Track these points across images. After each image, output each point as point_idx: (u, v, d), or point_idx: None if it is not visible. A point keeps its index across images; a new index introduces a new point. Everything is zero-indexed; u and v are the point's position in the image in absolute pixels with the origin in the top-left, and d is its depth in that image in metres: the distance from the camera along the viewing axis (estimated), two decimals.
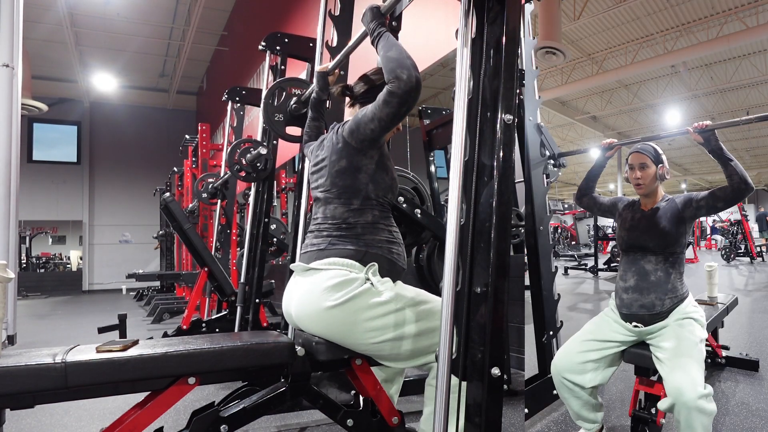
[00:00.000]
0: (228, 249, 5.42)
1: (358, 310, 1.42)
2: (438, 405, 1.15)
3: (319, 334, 1.48)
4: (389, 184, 1.56)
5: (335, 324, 1.43)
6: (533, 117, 2.71)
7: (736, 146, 20.86)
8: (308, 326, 1.49)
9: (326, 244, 1.51)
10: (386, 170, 1.55)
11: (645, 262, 1.88)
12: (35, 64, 11.71)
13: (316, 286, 1.45)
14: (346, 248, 1.48)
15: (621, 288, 1.93)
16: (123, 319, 2.01)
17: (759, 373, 2.97)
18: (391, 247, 1.54)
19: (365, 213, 1.51)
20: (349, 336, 1.44)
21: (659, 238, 1.85)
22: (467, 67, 1.23)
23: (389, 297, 1.44)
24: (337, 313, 1.42)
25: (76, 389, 1.23)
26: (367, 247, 1.49)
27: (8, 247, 4.80)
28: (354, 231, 1.50)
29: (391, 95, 1.34)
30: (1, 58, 4.89)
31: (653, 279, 1.85)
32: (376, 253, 1.50)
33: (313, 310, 1.45)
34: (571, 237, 18.99)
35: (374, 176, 1.51)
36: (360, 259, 1.47)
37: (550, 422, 2.33)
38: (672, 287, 1.84)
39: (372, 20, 1.47)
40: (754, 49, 11.82)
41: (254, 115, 7.78)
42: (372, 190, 1.51)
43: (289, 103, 2.45)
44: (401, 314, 1.44)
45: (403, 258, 1.61)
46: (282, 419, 2.46)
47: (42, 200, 14.08)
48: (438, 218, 2.30)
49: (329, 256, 1.48)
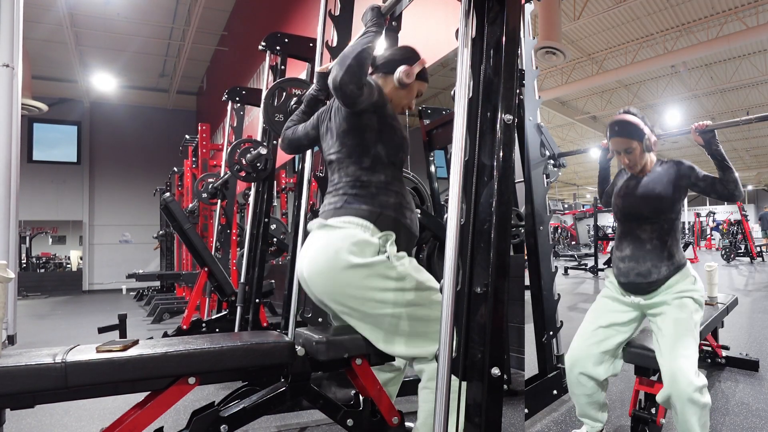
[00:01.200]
0: (228, 249, 5.41)
1: (370, 276, 1.43)
2: (438, 405, 1.15)
3: (326, 293, 1.49)
4: (399, 143, 1.57)
5: (345, 285, 1.44)
6: (533, 117, 2.71)
7: (736, 146, 20.86)
8: (318, 285, 1.50)
9: (342, 202, 1.53)
10: (393, 130, 1.56)
11: (640, 231, 1.85)
12: (35, 64, 11.71)
13: (331, 244, 1.47)
14: (361, 207, 1.50)
15: (617, 257, 1.91)
16: (123, 319, 2.01)
17: (759, 373, 2.97)
18: (405, 211, 1.57)
19: (377, 172, 1.54)
20: (355, 300, 1.45)
21: (654, 203, 1.82)
22: (467, 67, 1.23)
23: (402, 274, 1.46)
24: (349, 275, 1.43)
25: (76, 389, 1.23)
26: (381, 208, 1.51)
27: (8, 247, 4.80)
28: (368, 190, 1.52)
29: (330, 78, 1.42)
30: (1, 58, 4.89)
31: (649, 247, 1.83)
32: (390, 216, 1.52)
33: (327, 267, 1.45)
34: (571, 237, 19.00)
35: (381, 135, 1.52)
36: (375, 221, 1.49)
37: (550, 422, 2.33)
38: (668, 254, 1.81)
39: (371, 20, 1.49)
40: (754, 49, 11.83)
41: (254, 115, 7.78)
42: (381, 149, 1.53)
43: (289, 103, 2.45)
44: (410, 294, 1.45)
45: (416, 224, 1.63)
46: (282, 419, 2.46)
47: (42, 200, 14.08)
48: (438, 218, 2.30)
49: (345, 214, 1.50)
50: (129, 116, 14.94)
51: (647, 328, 2.14)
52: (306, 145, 1.82)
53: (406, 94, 1.64)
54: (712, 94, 14.78)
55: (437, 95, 12.88)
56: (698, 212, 19.31)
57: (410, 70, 1.56)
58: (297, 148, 1.84)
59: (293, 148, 1.84)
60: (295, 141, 1.81)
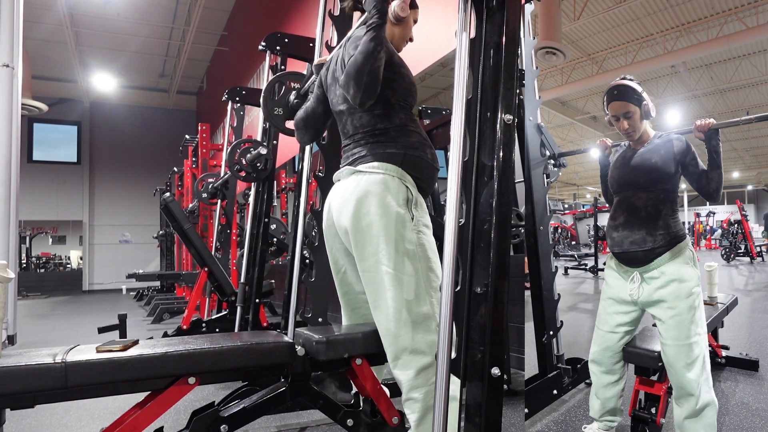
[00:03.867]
0: (228, 249, 5.41)
1: (396, 228, 1.44)
2: (438, 405, 1.15)
3: (351, 235, 1.49)
4: (407, 88, 1.58)
5: (372, 227, 1.45)
6: (533, 117, 2.71)
7: (736, 146, 20.86)
8: (346, 225, 1.50)
9: (366, 150, 1.54)
10: (401, 75, 1.56)
11: (635, 199, 1.82)
12: (35, 64, 11.71)
13: (363, 185, 1.48)
14: (386, 151, 1.52)
15: (611, 227, 1.88)
16: (123, 319, 2.01)
17: (759, 373, 2.97)
18: (425, 149, 1.58)
19: (392, 117, 1.55)
20: (376, 250, 1.45)
21: (651, 172, 1.79)
22: (466, 67, 1.23)
23: (419, 241, 1.47)
24: (379, 218, 1.44)
25: (76, 389, 1.23)
26: (405, 149, 1.53)
27: (8, 247, 4.80)
28: (388, 135, 1.54)
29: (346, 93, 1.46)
30: (1, 58, 4.89)
31: (643, 215, 1.78)
32: (415, 155, 1.53)
33: (357, 208, 1.47)
34: (571, 237, 18.99)
35: (389, 81, 1.51)
36: (401, 163, 1.51)
37: (550, 422, 2.33)
38: (664, 224, 1.76)
39: (374, 6, 1.44)
40: (754, 49, 11.83)
41: (254, 115, 7.79)
42: (391, 95, 1.54)
43: (288, 96, 2.44)
44: (420, 269, 1.46)
45: (437, 160, 1.65)
46: (282, 419, 2.46)
47: (42, 200, 14.08)
48: (438, 218, 2.30)
49: (373, 160, 1.51)
50: (129, 116, 14.94)
51: (647, 327, 2.15)
52: (318, 120, 1.80)
53: (404, 27, 1.66)
54: (712, 94, 14.78)
55: (437, 95, 12.89)
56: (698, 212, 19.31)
57: (403, 3, 1.52)
58: (311, 126, 1.82)
59: (308, 127, 1.82)
60: (302, 120, 1.81)
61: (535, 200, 2.63)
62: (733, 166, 25.11)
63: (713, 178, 1.76)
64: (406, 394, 1.44)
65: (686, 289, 1.71)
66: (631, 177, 1.84)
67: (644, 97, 1.82)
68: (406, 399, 1.44)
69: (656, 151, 1.81)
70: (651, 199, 1.78)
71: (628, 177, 1.85)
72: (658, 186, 1.79)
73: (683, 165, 1.80)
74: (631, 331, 1.92)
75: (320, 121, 1.81)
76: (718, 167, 1.76)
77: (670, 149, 1.80)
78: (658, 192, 1.79)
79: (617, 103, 1.83)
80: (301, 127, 1.83)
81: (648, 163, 1.80)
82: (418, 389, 1.41)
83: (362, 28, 1.48)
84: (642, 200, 1.79)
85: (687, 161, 1.79)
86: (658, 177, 1.78)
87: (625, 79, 1.86)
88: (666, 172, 1.78)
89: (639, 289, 1.79)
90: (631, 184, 1.84)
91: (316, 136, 1.92)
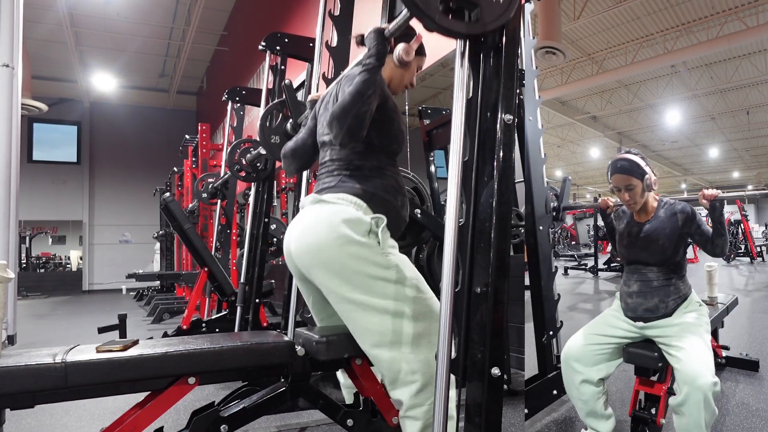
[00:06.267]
0: (228, 249, 5.41)
1: (359, 256, 1.38)
2: (438, 405, 1.15)
3: (312, 271, 1.44)
4: (395, 134, 1.55)
5: (332, 262, 1.39)
6: (533, 117, 2.71)
7: (736, 146, 20.86)
8: (304, 260, 1.45)
9: (336, 181, 1.51)
10: (391, 120, 1.53)
11: (647, 271, 1.91)
12: (35, 64, 11.71)
13: (324, 217, 1.43)
14: (355, 186, 1.48)
15: (625, 293, 1.96)
16: (123, 319, 2.01)
17: (759, 373, 2.97)
18: (397, 195, 1.54)
19: (370, 157, 1.52)
20: (339, 280, 1.39)
21: (659, 255, 1.88)
22: (466, 67, 1.23)
23: (390, 263, 1.41)
24: (337, 252, 1.38)
25: (76, 389, 1.23)
26: (375, 189, 1.49)
27: (8, 247, 4.80)
28: (362, 172, 1.50)
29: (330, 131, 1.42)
30: (1, 58, 4.89)
31: (656, 284, 1.89)
32: (384, 198, 1.50)
33: (314, 243, 1.41)
34: (571, 237, 19.00)
35: (377, 123, 1.48)
36: (368, 200, 1.47)
37: (550, 422, 2.33)
38: (675, 289, 1.88)
39: (374, 46, 1.40)
40: (754, 49, 11.82)
41: (254, 115, 7.78)
42: (375, 137, 1.50)
43: (285, 125, 2.45)
44: (395, 287, 1.40)
45: (407, 210, 1.60)
46: (282, 419, 2.46)
47: (42, 200, 14.08)
48: (438, 218, 2.30)
49: (339, 191, 1.48)
50: (129, 116, 14.94)
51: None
52: (307, 151, 1.74)
53: (406, 72, 1.62)
54: (712, 94, 14.77)
55: (437, 95, 12.88)
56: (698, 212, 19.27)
57: (409, 47, 1.49)
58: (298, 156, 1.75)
59: (295, 157, 1.75)
60: (290, 150, 1.75)
61: (535, 200, 2.63)
62: (733, 166, 25.11)
63: (718, 244, 1.85)
64: (404, 413, 1.41)
65: (692, 320, 1.84)
66: (641, 257, 1.92)
67: (647, 171, 1.89)
68: (404, 416, 1.41)
69: (662, 231, 1.88)
70: (662, 271, 1.89)
71: (637, 256, 1.93)
72: (667, 262, 1.89)
73: (689, 234, 1.90)
74: (618, 350, 1.94)
75: (308, 153, 1.75)
76: (722, 235, 1.84)
77: (675, 225, 1.88)
78: (667, 265, 1.89)
79: (620, 175, 1.89)
80: (288, 156, 1.77)
81: (656, 245, 1.88)
82: (417, 408, 1.38)
83: (359, 67, 1.43)
84: (653, 272, 1.90)
85: (692, 231, 1.88)
86: (667, 257, 1.88)
87: (630, 153, 1.92)
88: (674, 250, 1.88)
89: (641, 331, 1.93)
90: (641, 261, 1.93)
91: (303, 168, 1.86)
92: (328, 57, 2.64)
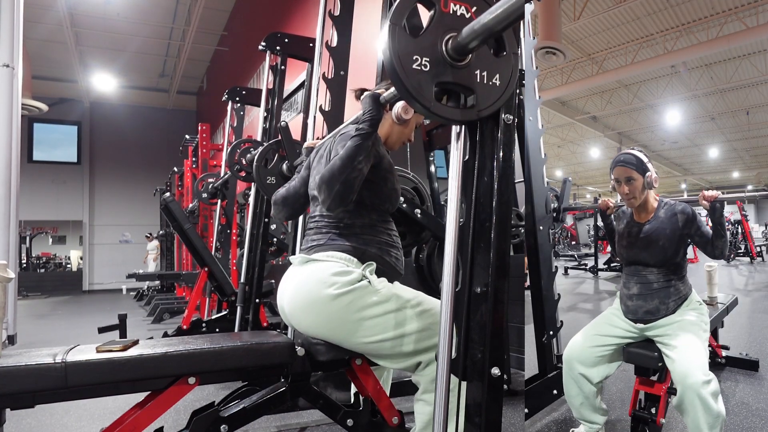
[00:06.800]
0: (228, 249, 5.42)
1: (355, 306, 1.40)
2: (438, 405, 1.15)
3: (311, 329, 1.46)
4: (387, 194, 1.54)
5: (330, 319, 1.41)
6: (533, 117, 2.71)
7: (736, 146, 20.86)
8: (301, 320, 1.46)
9: (326, 239, 1.50)
10: (384, 180, 1.52)
11: (647, 273, 1.91)
12: (35, 64, 11.71)
13: (312, 276, 1.44)
14: (345, 244, 1.47)
15: (625, 295, 1.97)
16: (123, 319, 2.01)
17: (759, 373, 2.97)
18: (390, 250, 1.54)
19: (362, 215, 1.51)
20: (345, 333, 1.42)
21: (659, 255, 1.88)
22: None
23: (387, 296, 1.42)
24: (333, 307, 1.39)
25: (76, 389, 1.23)
26: (366, 245, 1.48)
27: (8, 247, 4.80)
28: (352, 230, 1.49)
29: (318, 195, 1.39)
30: (1, 58, 4.89)
31: (656, 286, 1.89)
32: (375, 253, 1.49)
33: (307, 301, 1.42)
34: (571, 237, 19.00)
35: (370, 183, 1.48)
36: (359, 257, 1.46)
37: (550, 422, 2.33)
38: (675, 290, 1.88)
39: (368, 112, 1.37)
40: (754, 49, 11.83)
41: (254, 115, 7.79)
42: (367, 197, 1.50)
43: (281, 165, 2.46)
44: (401, 314, 1.43)
45: (402, 263, 1.59)
46: (282, 419, 2.46)
47: (42, 200, 14.09)
48: (438, 218, 2.30)
49: (329, 249, 1.47)
50: (129, 116, 14.95)
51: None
52: (298, 200, 1.72)
53: (404, 128, 1.63)
54: (712, 94, 14.78)
55: None
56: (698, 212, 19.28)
57: (408, 105, 1.46)
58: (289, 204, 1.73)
59: (286, 205, 1.73)
60: (281, 197, 1.74)
61: (535, 200, 2.63)
62: (733, 167, 25.11)
63: (718, 245, 1.85)
64: (419, 395, 1.45)
65: (691, 318, 1.84)
66: (640, 258, 1.92)
67: (649, 168, 1.89)
68: (419, 399, 1.45)
69: (662, 231, 1.89)
70: (662, 272, 1.90)
71: (637, 257, 1.93)
72: (668, 263, 1.89)
73: (689, 235, 1.90)
74: (619, 350, 1.95)
75: (299, 202, 1.74)
76: (722, 237, 1.84)
77: (676, 226, 1.88)
78: (668, 266, 1.90)
79: (622, 167, 1.90)
80: (279, 203, 1.76)
81: (656, 245, 1.89)
82: (431, 393, 1.40)
83: (353, 127, 1.41)
84: (653, 274, 1.91)
85: (692, 232, 1.89)
86: (667, 257, 1.88)
87: (634, 150, 1.93)
88: (674, 251, 1.88)
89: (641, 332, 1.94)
90: (641, 262, 1.93)
91: (292, 217, 1.84)
92: (328, 57, 2.65)
